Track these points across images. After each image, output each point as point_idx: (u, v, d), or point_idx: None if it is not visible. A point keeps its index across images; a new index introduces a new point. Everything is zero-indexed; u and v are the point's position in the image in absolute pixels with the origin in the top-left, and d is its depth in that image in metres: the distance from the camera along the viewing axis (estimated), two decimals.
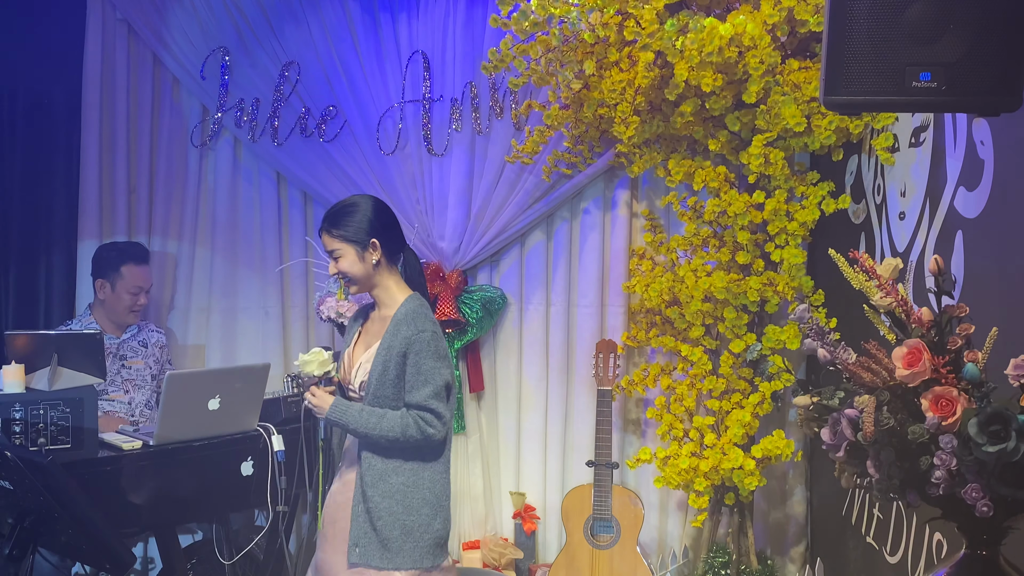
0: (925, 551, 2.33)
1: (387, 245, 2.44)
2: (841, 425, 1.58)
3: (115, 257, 3.49)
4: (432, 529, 2.38)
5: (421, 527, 2.36)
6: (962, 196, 2.17)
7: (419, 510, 2.37)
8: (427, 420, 2.35)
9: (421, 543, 2.36)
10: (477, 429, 3.86)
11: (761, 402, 3.18)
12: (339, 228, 2.43)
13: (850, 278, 1.71)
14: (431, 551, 2.38)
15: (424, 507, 2.38)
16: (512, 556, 3.67)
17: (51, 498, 2.28)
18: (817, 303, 3.17)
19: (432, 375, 2.35)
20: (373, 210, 2.44)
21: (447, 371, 2.39)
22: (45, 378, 2.72)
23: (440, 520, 2.40)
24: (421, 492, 2.38)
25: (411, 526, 2.36)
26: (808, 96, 2.83)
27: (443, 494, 2.42)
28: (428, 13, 3.70)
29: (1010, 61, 1.57)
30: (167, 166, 3.92)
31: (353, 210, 2.45)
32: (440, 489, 2.42)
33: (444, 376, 2.38)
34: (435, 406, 2.35)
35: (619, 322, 3.68)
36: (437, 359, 2.36)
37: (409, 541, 2.35)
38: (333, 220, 2.45)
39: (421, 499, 2.38)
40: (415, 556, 2.35)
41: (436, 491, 2.40)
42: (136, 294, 3.46)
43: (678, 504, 3.71)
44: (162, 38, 3.83)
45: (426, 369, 2.35)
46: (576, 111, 3.22)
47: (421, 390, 2.35)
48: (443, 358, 2.38)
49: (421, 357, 2.35)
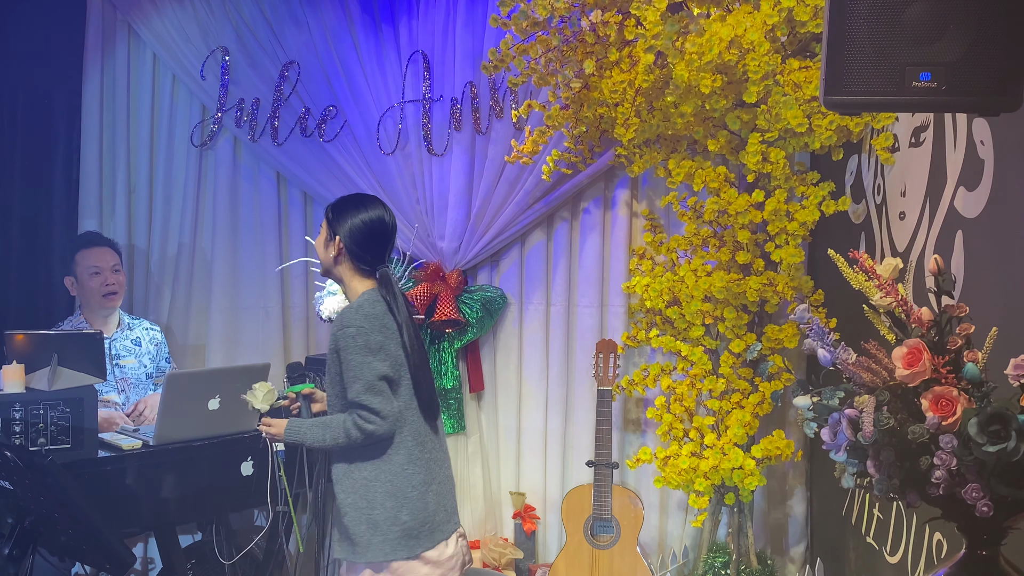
0: (925, 551, 2.33)
1: (353, 252, 2.43)
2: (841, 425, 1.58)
3: (69, 249, 3.51)
4: (399, 521, 2.34)
5: (387, 520, 2.33)
6: (962, 196, 2.17)
7: (383, 503, 2.34)
8: (364, 417, 2.30)
9: (389, 536, 2.33)
10: (477, 429, 3.86)
11: (761, 402, 3.18)
12: (331, 209, 2.49)
13: (850, 278, 1.71)
14: (401, 543, 2.34)
15: (388, 500, 2.34)
16: (512, 556, 3.67)
17: (51, 498, 2.28)
18: (817, 303, 3.17)
19: (361, 370, 2.31)
20: (364, 217, 2.44)
21: (380, 364, 2.32)
22: (45, 378, 2.73)
23: (407, 512, 2.34)
24: (383, 486, 2.35)
25: (376, 520, 2.33)
26: (808, 96, 2.83)
27: (408, 485, 2.36)
28: (428, 13, 3.70)
29: (1010, 61, 1.57)
30: (167, 166, 3.93)
31: (350, 204, 2.47)
32: (404, 481, 2.36)
33: (376, 370, 2.31)
34: (368, 401, 2.30)
35: (619, 322, 3.69)
36: (366, 353, 2.31)
37: (377, 535, 2.33)
38: (336, 200, 2.52)
39: (384, 492, 2.34)
40: (385, 549, 2.33)
41: (399, 483, 2.35)
42: (96, 274, 3.41)
43: (678, 504, 3.71)
44: (162, 38, 3.83)
45: (354, 365, 2.31)
46: (576, 111, 3.22)
47: (352, 387, 2.32)
48: (375, 351, 2.31)
49: (348, 353, 2.32)
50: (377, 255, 2.46)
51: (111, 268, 3.45)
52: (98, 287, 3.41)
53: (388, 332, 2.36)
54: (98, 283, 3.41)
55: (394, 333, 2.38)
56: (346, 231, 2.42)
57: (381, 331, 2.35)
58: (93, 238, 3.55)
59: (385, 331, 2.36)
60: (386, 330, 2.36)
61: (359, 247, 2.42)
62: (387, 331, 2.36)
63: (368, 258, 2.44)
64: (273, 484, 2.89)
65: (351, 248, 2.42)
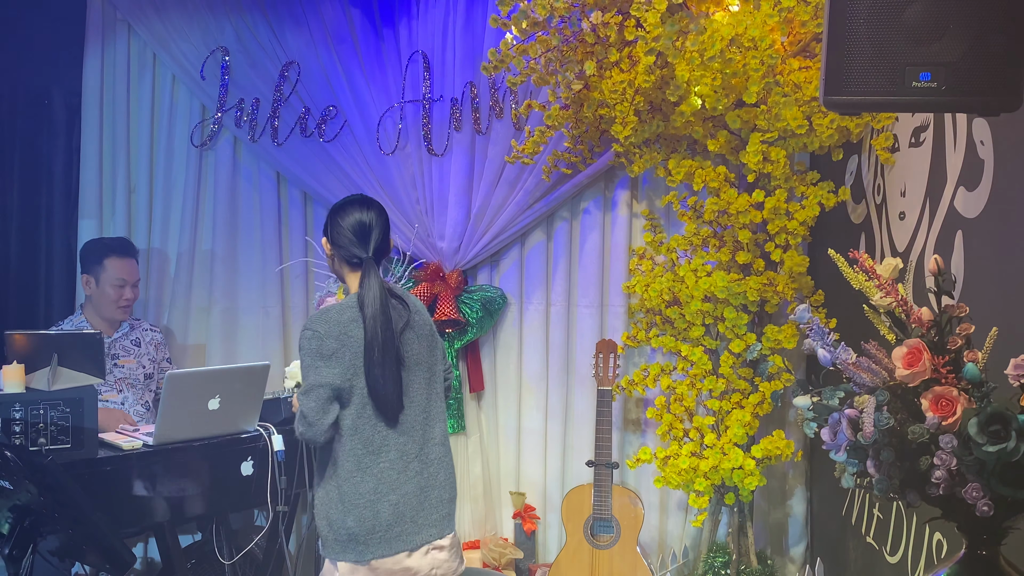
0: (925, 551, 2.33)
1: (340, 252, 2.49)
2: (841, 425, 1.58)
3: (98, 251, 3.48)
4: (345, 526, 2.37)
5: (336, 522, 2.38)
6: (962, 196, 2.17)
7: (335, 506, 2.39)
8: (298, 418, 2.37)
9: (339, 537, 2.38)
10: (477, 429, 3.86)
11: (761, 402, 3.18)
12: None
13: (850, 278, 1.71)
14: (348, 547, 2.38)
15: (338, 504, 2.38)
16: (512, 556, 3.67)
17: (51, 498, 2.28)
18: (817, 303, 3.17)
19: (307, 372, 2.36)
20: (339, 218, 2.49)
21: (326, 370, 2.33)
22: (45, 378, 2.72)
23: (353, 519, 2.37)
24: (335, 490, 2.40)
25: (332, 519, 2.40)
26: (808, 96, 2.83)
27: (355, 493, 2.37)
28: (428, 13, 3.70)
29: (1010, 61, 1.57)
30: (167, 166, 3.93)
31: (333, 208, 2.53)
32: (350, 488, 2.38)
33: (321, 375, 2.33)
34: (303, 403, 2.35)
35: (619, 322, 3.69)
36: (316, 358, 2.34)
37: (331, 533, 2.40)
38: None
39: (336, 497, 2.39)
40: (335, 548, 2.40)
41: (345, 490, 2.38)
42: (120, 287, 3.43)
43: (678, 504, 3.71)
44: (162, 38, 3.82)
45: (304, 365, 2.38)
46: (576, 111, 3.22)
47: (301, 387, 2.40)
48: (324, 357, 2.34)
49: (302, 353, 2.38)
50: (360, 247, 2.46)
51: (134, 282, 3.48)
52: (117, 299, 3.43)
53: (347, 340, 2.36)
54: (119, 295, 3.43)
55: (355, 340, 2.37)
56: (331, 234, 2.49)
57: (338, 338, 2.35)
58: (125, 247, 3.53)
59: (343, 338, 2.36)
60: (345, 337, 2.36)
61: (343, 247, 2.47)
62: (346, 338, 2.36)
63: (355, 253, 2.46)
64: (273, 484, 2.89)
65: (340, 252, 2.49)
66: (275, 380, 3.21)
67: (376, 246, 2.47)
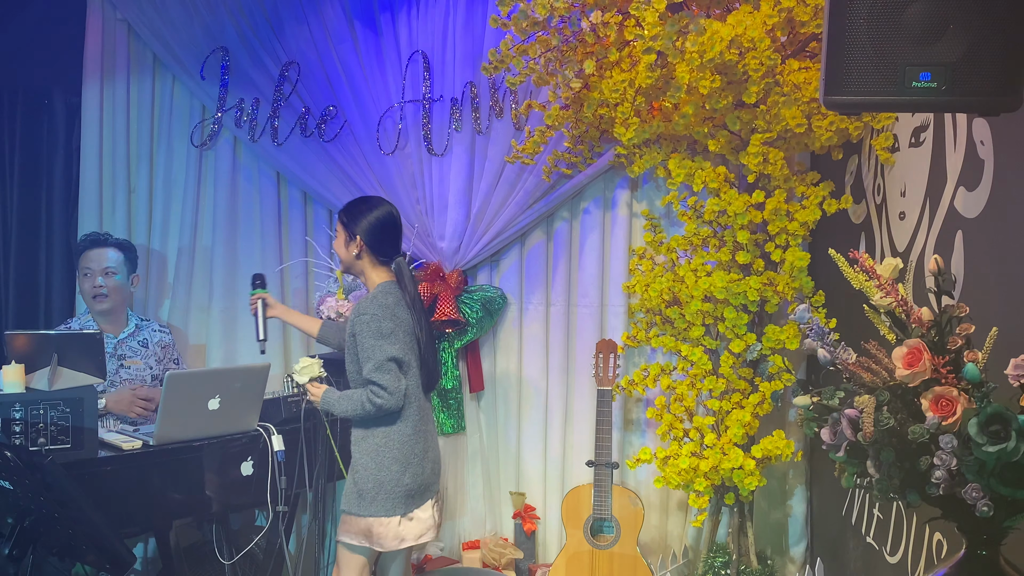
0: (925, 551, 2.33)
1: (373, 247, 2.76)
2: (841, 425, 1.58)
3: (77, 250, 3.52)
4: (402, 483, 2.69)
5: (392, 481, 2.68)
6: (962, 196, 2.17)
7: (389, 467, 2.68)
8: (375, 392, 2.63)
9: (393, 495, 2.68)
10: (477, 429, 3.86)
11: (761, 402, 3.18)
12: (344, 213, 2.82)
13: (850, 278, 1.71)
14: (403, 501, 2.70)
15: (394, 464, 2.69)
16: (512, 556, 3.67)
17: (51, 498, 2.28)
18: (817, 303, 3.17)
19: (373, 352, 2.64)
20: (376, 215, 2.77)
21: (391, 347, 2.64)
22: (45, 378, 2.72)
23: (409, 475, 2.70)
24: (392, 452, 2.69)
25: (383, 480, 2.68)
26: (808, 96, 2.83)
27: (411, 452, 2.71)
28: (428, 13, 3.70)
29: (1010, 61, 1.57)
30: (167, 166, 3.92)
31: (362, 205, 2.80)
32: (408, 449, 2.71)
33: (386, 351, 2.64)
34: (378, 378, 2.63)
35: (619, 322, 3.69)
36: (378, 337, 2.64)
37: (382, 493, 2.68)
38: (346, 205, 2.85)
39: (391, 458, 2.69)
40: (387, 506, 2.68)
41: (405, 451, 2.70)
42: (87, 276, 3.42)
43: (678, 504, 3.71)
44: (162, 38, 3.82)
45: (367, 347, 2.65)
46: (576, 111, 3.22)
47: (366, 366, 2.66)
48: (386, 336, 2.65)
49: (362, 336, 2.66)
50: (393, 246, 2.81)
51: (102, 271, 3.43)
52: (88, 289, 3.42)
53: (398, 320, 2.69)
54: (88, 285, 3.42)
55: (404, 320, 2.71)
56: (364, 229, 2.75)
57: (392, 319, 2.67)
58: (93, 239, 3.53)
59: (396, 319, 2.68)
60: (396, 318, 2.69)
61: (377, 242, 2.76)
62: (397, 319, 2.69)
63: (386, 249, 2.78)
64: (273, 484, 2.89)
65: (371, 244, 2.76)
66: (275, 380, 3.21)
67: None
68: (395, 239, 2.82)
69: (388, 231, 2.78)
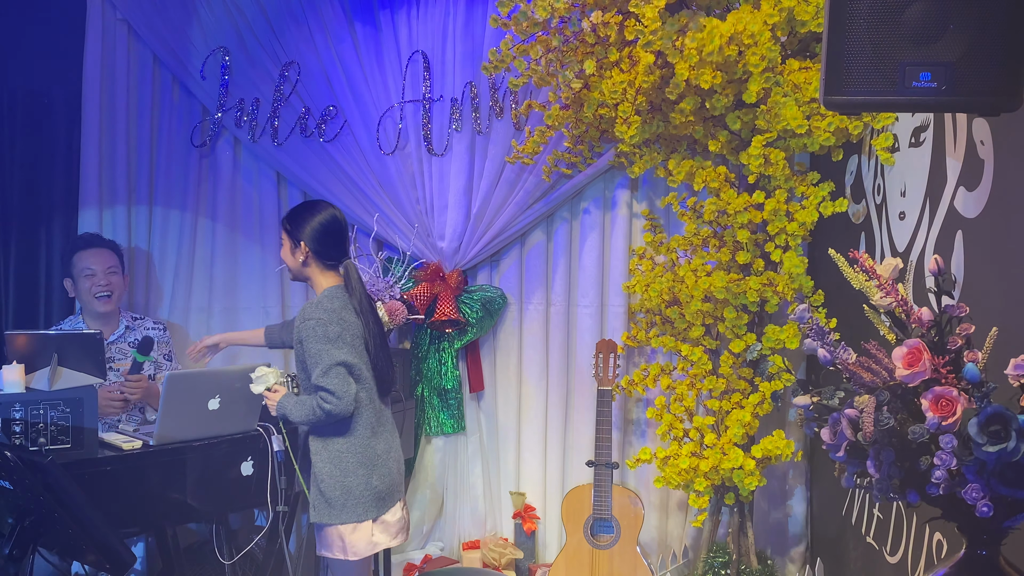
0: (925, 551, 2.33)
1: (318, 252, 2.71)
2: (841, 425, 1.58)
3: (68, 251, 3.50)
4: (371, 486, 2.65)
5: (361, 485, 2.64)
6: (962, 196, 2.17)
7: (356, 472, 2.64)
8: (323, 397, 2.57)
9: (363, 499, 2.64)
10: (477, 429, 3.86)
11: (761, 402, 3.18)
12: (287, 220, 2.77)
13: (850, 278, 1.71)
14: (374, 505, 2.66)
15: (360, 468, 2.64)
16: (512, 556, 3.67)
17: (51, 498, 2.28)
18: (817, 303, 3.17)
19: (319, 357, 2.58)
20: (319, 219, 2.71)
21: (338, 351, 2.58)
22: (45, 378, 2.72)
23: (377, 477, 2.66)
24: (354, 456, 2.65)
25: (351, 486, 2.64)
26: (808, 96, 2.83)
27: (375, 454, 2.67)
28: (428, 13, 3.70)
29: (1010, 61, 1.57)
30: (167, 166, 3.92)
31: (304, 211, 2.75)
32: (371, 451, 2.66)
33: (334, 356, 2.57)
34: (325, 383, 2.56)
35: (619, 322, 3.69)
36: (325, 342, 2.58)
37: (351, 498, 2.63)
38: (288, 212, 2.80)
39: (355, 462, 2.64)
40: (358, 511, 2.64)
41: (368, 454, 2.66)
42: (91, 276, 3.40)
43: (678, 504, 3.71)
44: (162, 38, 3.82)
45: (314, 352, 2.59)
46: (576, 111, 3.22)
47: (314, 371, 2.60)
48: (333, 340, 2.58)
49: (309, 342, 2.60)
50: (339, 249, 2.74)
51: (105, 270, 3.43)
52: (91, 287, 3.41)
53: (345, 324, 2.63)
54: (91, 284, 3.41)
55: (352, 324, 2.65)
56: (307, 236, 2.70)
57: (338, 323, 2.61)
58: (90, 239, 3.53)
59: (342, 323, 2.62)
60: (343, 322, 2.63)
61: (322, 246, 2.71)
62: (344, 323, 2.63)
63: (332, 253, 2.73)
64: (273, 484, 2.89)
65: (315, 249, 2.70)
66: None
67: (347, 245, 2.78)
68: (340, 242, 2.74)
69: (332, 235, 2.72)
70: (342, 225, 2.76)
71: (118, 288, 3.48)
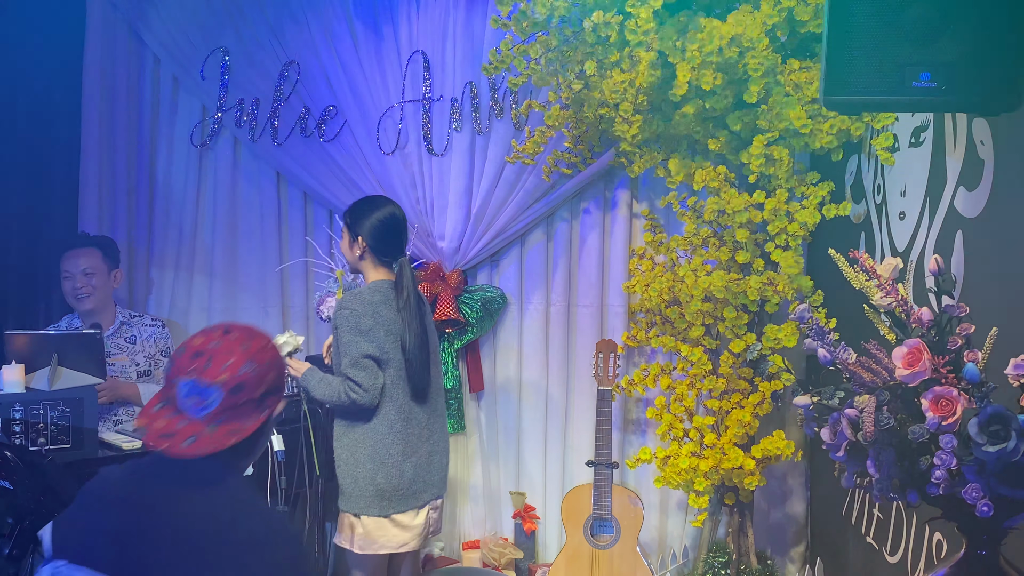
0: (925, 551, 2.33)
1: (375, 248, 2.76)
2: (841, 425, 1.58)
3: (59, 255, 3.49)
4: (375, 482, 2.66)
5: (365, 479, 2.67)
6: (962, 196, 2.18)
7: (364, 464, 2.67)
8: (349, 386, 2.63)
9: (366, 493, 2.67)
10: (477, 429, 3.86)
11: (761, 402, 3.18)
12: (348, 214, 2.81)
13: (850, 278, 1.71)
14: (375, 502, 2.67)
15: (368, 462, 2.67)
16: (512, 556, 3.67)
17: (51, 498, 2.28)
18: (817, 303, 3.17)
19: (349, 347, 2.64)
20: (379, 216, 2.76)
21: (367, 344, 2.63)
22: (45, 378, 2.72)
23: (383, 475, 2.66)
24: (367, 449, 2.68)
25: (357, 476, 2.68)
26: (809, 97, 2.83)
27: (387, 453, 2.67)
28: (428, 13, 3.70)
29: (1010, 61, 1.57)
30: (167, 166, 3.92)
31: (365, 206, 2.80)
32: (383, 448, 2.67)
33: (362, 348, 2.63)
34: (352, 374, 2.62)
35: (619, 322, 3.69)
36: (356, 333, 2.63)
37: (357, 489, 2.68)
38: (350, 206, 2.84)
39: (366, 455, 2.67)
40: (360, 504, 2.68)
41: (379, 450, 2.67)
42: (68, 279, 3.39)
43: (678, 504, 3.71)
44: (162, 38, 3.82)
45: (344, 342, 2.65)
46: (576, 111, 3.22)
47: (343, 360, 2.66)
48: (363, 332, 2.63)
49: (341, 331, 2.66)
50: (396, 247, 2.79)
51: (81, 272, 3.40)
52: (69, 291, 3.41)
53: (379, 318, 2.66)
54: (68, 287, 3.40)
55: (388, 320, 2.67)
56: (366, 231, 2.75)
57: (372, 316, 2.65)
58: (70, 241, 3.51)
59: (376, 316, 2.66)
60: (377, 316, 2.66)
61: (378, 243, 2.75)
62: (378, 317, 2.66)
63: (389, 251, 2.77)
64: (273, 484, 2.89)
65: (372, 245, 2.75)
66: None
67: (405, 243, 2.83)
68: (398, 241, 2.79)
69: (390, 232, 2.77)
70: (401, 223, 2.81)
71: (99, 288, 3.44)
